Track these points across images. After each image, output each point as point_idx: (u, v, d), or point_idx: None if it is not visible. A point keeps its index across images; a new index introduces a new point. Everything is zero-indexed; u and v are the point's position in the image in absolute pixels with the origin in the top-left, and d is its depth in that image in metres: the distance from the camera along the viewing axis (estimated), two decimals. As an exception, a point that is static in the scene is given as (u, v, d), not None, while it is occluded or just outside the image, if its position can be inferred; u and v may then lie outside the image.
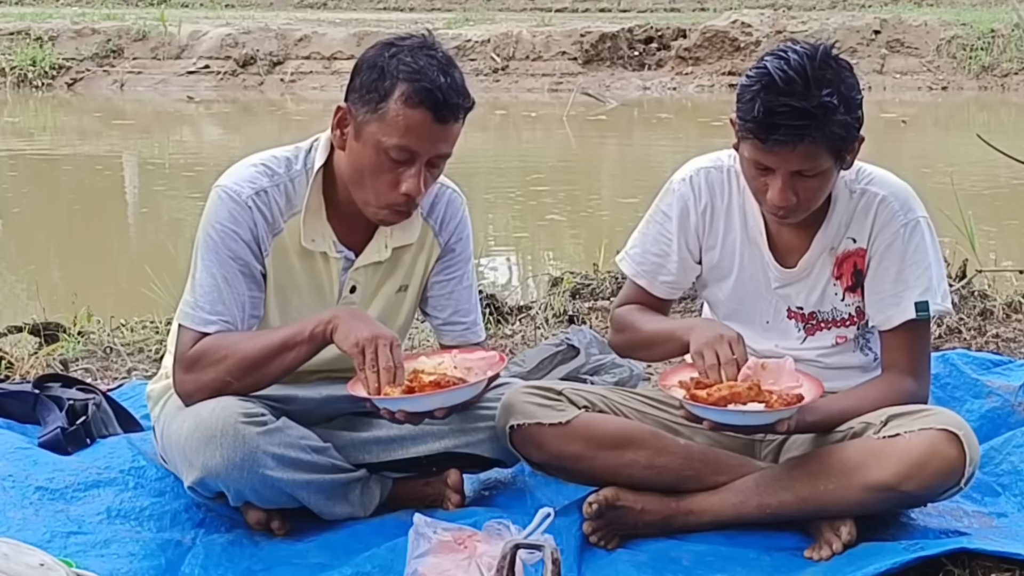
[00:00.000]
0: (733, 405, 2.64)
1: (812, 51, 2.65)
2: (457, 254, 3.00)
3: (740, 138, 2.74)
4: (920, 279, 2.84)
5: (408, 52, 2.73)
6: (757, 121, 2.64)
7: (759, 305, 2.96)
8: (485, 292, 4.78)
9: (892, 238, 2.85)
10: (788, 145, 2.63)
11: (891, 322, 2.87)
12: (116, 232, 8.98)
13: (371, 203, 2.78)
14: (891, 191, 2.87)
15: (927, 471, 2.65)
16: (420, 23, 17.03)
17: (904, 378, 2.87)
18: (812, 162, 2.67)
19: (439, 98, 2.69)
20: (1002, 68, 15.29)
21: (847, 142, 2.70)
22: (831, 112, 2.63)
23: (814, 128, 2.62)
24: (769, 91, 2.63)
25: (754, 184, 2.78)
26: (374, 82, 2.72)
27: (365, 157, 2.74)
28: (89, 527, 2.80)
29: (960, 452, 2.65)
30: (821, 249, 2.90)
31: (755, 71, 2.68)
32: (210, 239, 2.82)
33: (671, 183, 3.00)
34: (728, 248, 2.96)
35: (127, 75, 15.89)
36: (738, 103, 2.71)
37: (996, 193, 9.34)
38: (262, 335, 2.80)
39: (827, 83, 2.63)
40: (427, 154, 2.73)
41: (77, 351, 4.35)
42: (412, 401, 2.67)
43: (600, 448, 2.82)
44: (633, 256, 3.04)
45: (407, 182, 2.73)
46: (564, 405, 2.86)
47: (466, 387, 2.70)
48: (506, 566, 2.41)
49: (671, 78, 15.83)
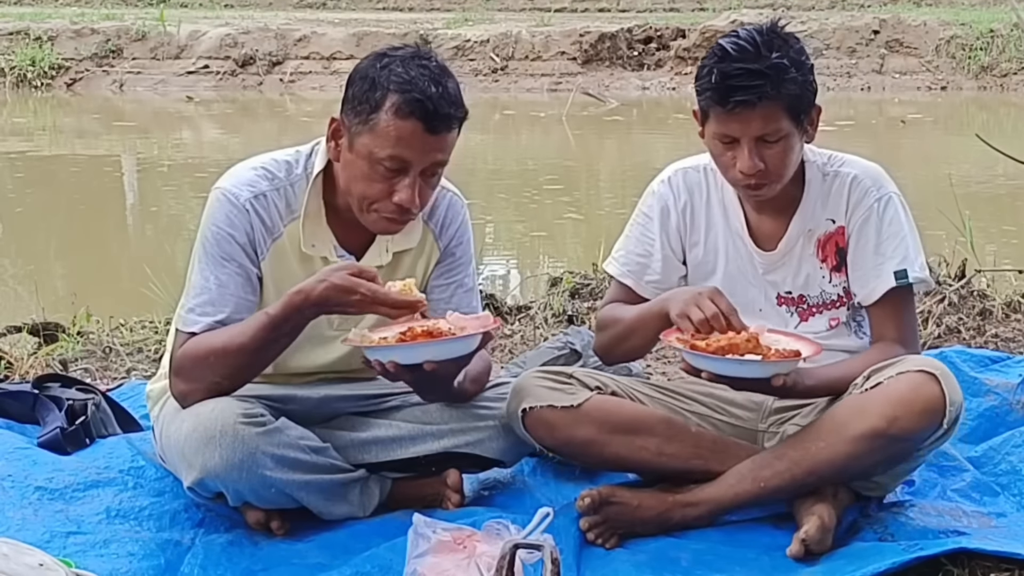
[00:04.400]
0: (731, 356, 2.66)
1: (760, 25, 2.84)
2: (457, 258, 3.00)
3: (703, 116, 2.86)
4: (897, 250, 2.93)
5: (400, 62, 2.73)
6: (715, 87, 2.78)
7: (750, 294, 3.00)
8: (485, 292, 4.79)
9: (867, 213, 2.94)
10: (748, 105, 2.76)
11: (875, 294, 2.94)
12: (115, 232, 8.98)
13: (366, 213, 2.78)
14: (862, 170, 2.98)
15: (912, 410, 2.70)
16: (419, 23, 17.06)
17: (894, 347, 2.92)
18: (773, 125, 2.79)
19: (429, 108, 2.68)
20: (1001, 68, 15.30)
21: (803, 103, 2.83)
22: (783, 71, 2.77)
23: (769, 87, 2.76)
24: (723, 60, 2.80)
25: (722, 160, 2.87)
26: (365, 93, 2.72)
27: (359, 168, 2.74)
28: (88, 527, 2.80)
29: (940, 391, 2.70)
30: (799, 231, 2.97)
31: (710, 52, 2.84)
32: (207, 240, 2.82)
33: (651, 186, 3.09)
34: (711, 244, 3.03)
35: (126, 75, 15.89)
36: (696, 82, 2.86)
37: (995, 193, 9.35)
38: (238, 328, 2.76)
39: (776, 48, 2.80)
40: (420, 164, 2.72)
41: (76, 351, 4.35)
42: (402, 350, 2.65)
43: (611, 432, 2.86)
44: (618, 258, 3.10)
45: (401, 192, 2.72)
46: (576, 388, 2.90)
47: (458, 338, 2.67)
48: (505, 566, 2.42)
49: (670, 78, 15.84)
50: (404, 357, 2.66)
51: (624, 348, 3.05)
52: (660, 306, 2.86)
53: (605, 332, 3.06)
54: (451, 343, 2.67)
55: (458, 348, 2.69)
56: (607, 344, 3.08)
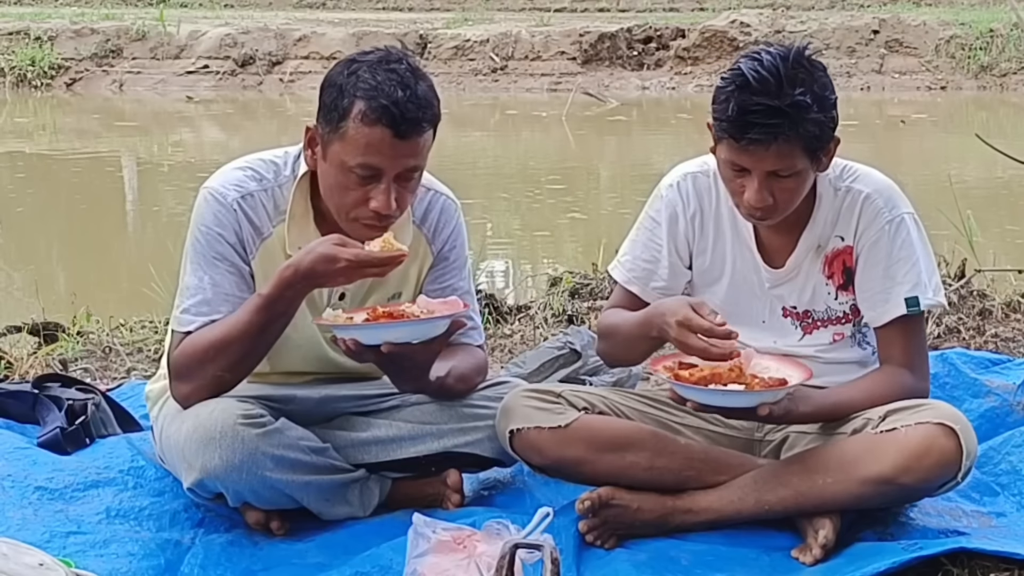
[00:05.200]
0: (714, 386, 2.64)
1: (785, 52, 2.69)
2: (451, 262, 2.98)
3: (716, 139, 2.77)
4: (908, 275, 2.86)
5: (367, 68, 2.70)
6: (731, 120, 2.67)
7: (754, 306, 2.97)
8: (484, 292, 4.79)
9: (877, 235, 2.86)
10: (762, 144, 2.66)
11: (882, 318, 2.88)
12: (115, 232, 8.98)
13: (344, 220, 2.76)
14: (875, 188, 2.89)
15: (924, 464, 2.66)
16: (419, 23, 17.05)
17: (900, 371, 2.87)
18: (787, 161, 2.70)
19: (395, 113, 2.66)
20: (1001, 68, 15.29)
21: (822, 142, 2.72)
22: (804, 111, 2.66)
23: (787, 127, 2.65)
24: (743, 91, 2.66)
25: (731, 185, 2.80)
26: (334, 101, 2.71)
27: (332, 176, 2.73)
28: (88, 527, 2.80)
29: (957, 446, 2.66)
30: (808, 248, 2.91)
31: (729, 73, 2.72)
32: (196, 241, 2.82)
33: (659, 189, 3.02)
34: (719, 252, 2.98)
35: (126, 75, 15.88)
36: (713, 104, 2.74)
37: (995, 193, 9.35)
38: (233, 318, 2.75)
39: (800, 82, 2.66)
40: (393, 170, 2.70)
41: (76, 351, 4.35)
42: (363, 330, 2.66)
43: (600, 451, 2.82)
44: (624, 263, 3.04)
45: (376, 199, 2.70)
46: (563, 408, 2.86)
47: (419, 321, 2.67)
48: (505, 566, 2.42)
49: (670, 78, 15.83)
50: (365, 337, 2.66)
51: (624, 360, 3.09)
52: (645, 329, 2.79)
53: (605, 341, 3.03)
54: (411, 325, 2.67)
55: (419, 331, 2.68)
56: (609, 353, 3.06)
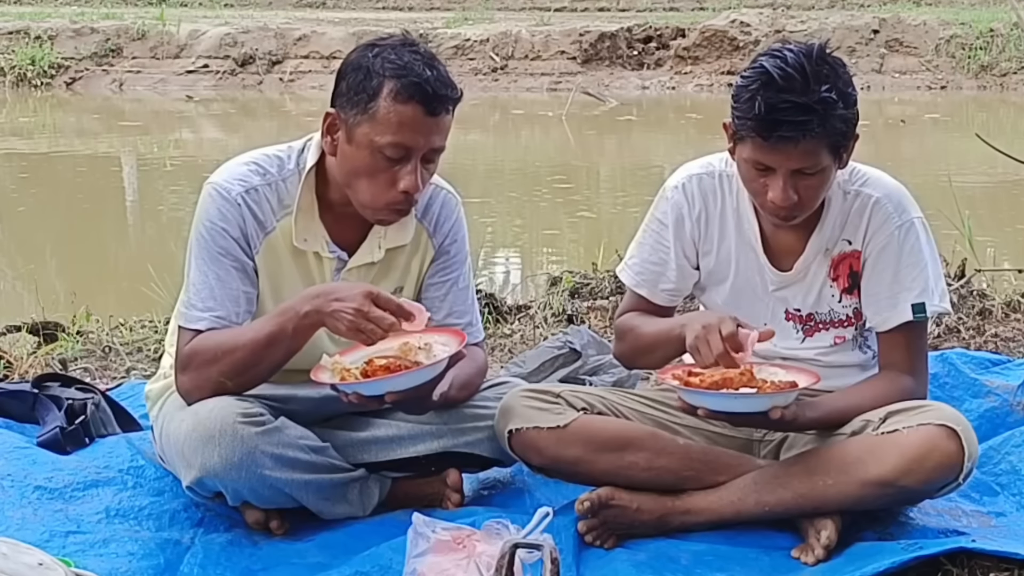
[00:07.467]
0: (726, 390, 2.64)
1: (807, 49, 2.68)
2: (452, 256, 2.99)
3: (738, 139, 2.74)
4: (916, 281, 2.85)
5: (391, 50, 2.74)
6: (759, 119, 2.65)
7: (756, 308, 2.96)
8: (484, 291, 4.79)
9: (887, 240, 2.85)
10: (791, 141, 2.64)
11: (888, 324, 2.88)
12: (115, 231, 8.98)
13: (369, 204, 2.78)
14: (885, 192, 2.88)
15: (926, 466, 2.66)
16: (419, 22, 17.06)
17: (902, 376, 2.87)
18: (813, 159, 2.68)
19: (428, 91, 2.70)
20: (1001, 67, 15.29)
21: (846, 138, 2.72)
22: (832, 107, 2.65)
23: (816, 123, 2.64)
24: (769, 88, 2.64)
25: (753, 185, 2.78)
26: (361, 83, 2.72)
27: (359, 159, 2.74)
28: (88, 526, 2.80)
29: (959, 447, 2.66)
30: (816, 251, 2.90)
31: (751, 71, 2.69)
32: (201, 237, 2.83)
33: (664, 191, 3.01)
34: (724, 253, 2.97)
35: (126, 74, 15.88)
36: (735, 103, 2.71)
37: (995, 192, 9.35)
38: (248, 334, 2.77)
39: (825, 79, 2.66)
40: (422, 149, 2.73)
41: (76, 350, 4.35)
42: (365, 385, 2.66)
43: (599, 451, 2.82)
44: (632, 266, 3.04)
45: (405, 179, 2.73)
46: (562, 408, 2.86)
47: (419, 370, 2.67)
48: (505, 565, 2.42)
49: (670, 77, 15.83)
50: (368, 390, 2.68)
51: (645, 362, 3.08)
52: (679, 332, 2.79)
53: (624, 343, 3.03)
54: (413, 375, 2.67)
55: (419, 378, 2.68)
56: (628, 355, 3.06)
